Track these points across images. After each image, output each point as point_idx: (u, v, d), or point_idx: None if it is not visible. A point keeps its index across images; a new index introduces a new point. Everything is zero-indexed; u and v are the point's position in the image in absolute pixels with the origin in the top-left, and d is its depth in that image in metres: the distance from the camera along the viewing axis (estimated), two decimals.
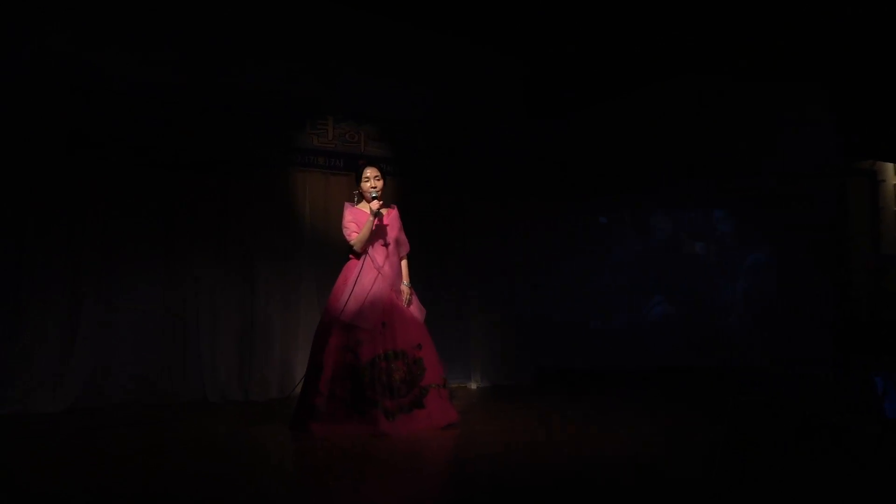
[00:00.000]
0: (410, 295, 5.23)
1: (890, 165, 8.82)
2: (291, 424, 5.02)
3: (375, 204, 5.03)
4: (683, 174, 7.42)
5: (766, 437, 4.73)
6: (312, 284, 6.83)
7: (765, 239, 7.22)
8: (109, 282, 6.13)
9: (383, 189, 5.17)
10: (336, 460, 4.17)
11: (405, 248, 5.34)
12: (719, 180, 7.41)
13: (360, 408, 4.76)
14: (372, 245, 5.09)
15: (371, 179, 5.13)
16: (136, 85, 6.18)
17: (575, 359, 7.77)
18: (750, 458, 4.08)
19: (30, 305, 5.80)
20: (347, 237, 5.13)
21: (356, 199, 5.26)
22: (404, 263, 5.33)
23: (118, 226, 6.17)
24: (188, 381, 6.35)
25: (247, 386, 6.51)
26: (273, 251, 6.71)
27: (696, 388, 6.91)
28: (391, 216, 5.27)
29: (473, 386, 7.42)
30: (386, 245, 5.14)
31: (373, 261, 5.06)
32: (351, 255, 5.17)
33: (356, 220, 5.11)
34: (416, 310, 5.22)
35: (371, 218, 5.03)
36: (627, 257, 7.59)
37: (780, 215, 7.04)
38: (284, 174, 6.88)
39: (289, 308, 6.77)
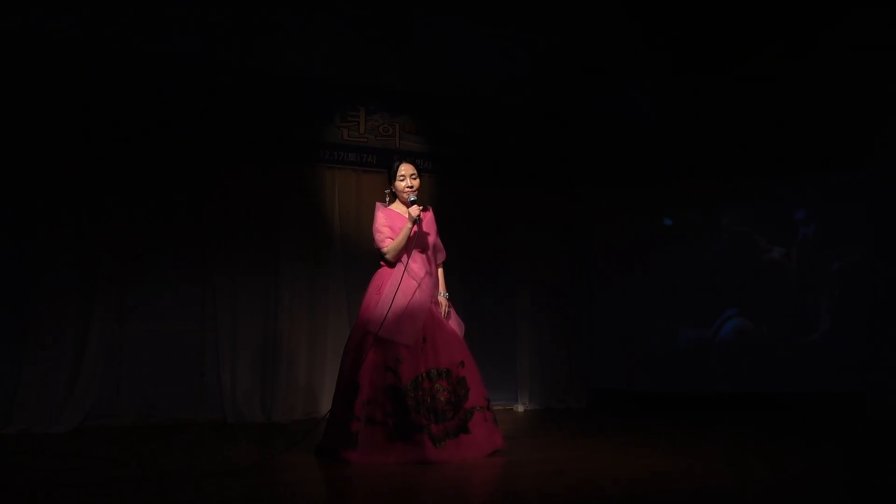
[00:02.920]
0: (448, 307, 4.83)
1: None
2: (320, 451, 4.61)
3: (415, 209, 4.62)
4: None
5: None
6: (342, 293, 6.52)
7: (857, 240, 6.48)
8: (121, 289, 5.92)
9: (419, 188, 4.79)
10: (381, 497, 3.72)
11: (442, 256, 4.94)
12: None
13: (404, 433, 4.34)
14: (408, 252, 4.66)
15: (407, 178, 4.73)
16: (144, 74, 6.00)
17: (634, 380, 7.24)
18: None
19: (36, 314, 5.61)
20: (379, 243, 4.69)
21: (388, 198, 4.84)
22: (440, 272, 4.94)
23: (129, 226, 5.94)
24: (205, 401, 6.09)
25: (269, 406, 6.18)
26: (299, 256, 6.39)
27: (774, 416, 6.43)
28: (427, 219, 4.83)
29: (520, 408, 7.01)
30: (423, 252, 4.74)
31: (411, 270, 4.63)
32: (383, 263, 4.76)
33: (390, 224, 4.69)
34: (454, 323, 4.82)
35: (409, 225, 4.62)
36: (696, 263, 6.95)
37: (880, 212, 6.33)
38: (311, 171, 6.55)
39: (315, 319, 6.43)
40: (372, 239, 4.73)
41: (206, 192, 6.15)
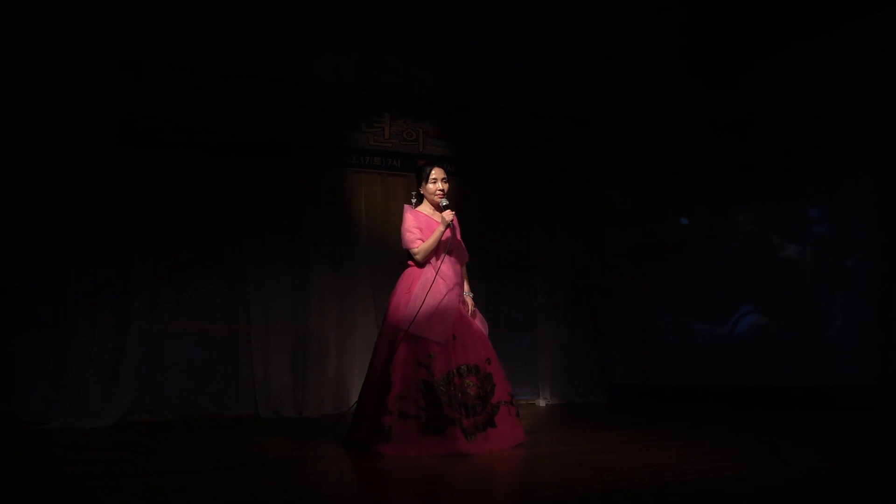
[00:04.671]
0: (473, 306, 4.96)
1: None
2: (350, 444, 4.69)
3: (449, 214, 4.76)
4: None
5: None
6: (369, 292, 6.67)
7: (869, 237, 6.54)
8: (158, 289, 6.09)
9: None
10: (414, 489, 3.78)
11: (465, 256, 5.05)
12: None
13: (437, 426, 4.44)
14: (437, 255, 4.79)
15: (439, 181, 4.87)
16: (178, 82, 6.18)
17: (652, 375, 7.26)
18: None
19: (78, 314, 5.77)
20: (408, 244, 4.78)
21: (415, 200, 4.95)
22: (464, 272, 5.05)
23: (166, 227, 6.12)
24: (240, 396, 6.25)
25: (301, 401, 6.34)
26: (327, 256, 6.56)
27: (788, 410, 6.49)
28: (453, 222, 4.96)
29: (542, 403, 7.12)
30: (450, 253, 4.85)
31: (442, 272, 4.75)
32: (411, 262, 4.86)
33: (419, 226, 4.80)
34: (479, 322, 4.95)
35: (442, 228, 4.75)
36: (711, 261, 7.01)
37: (891, 209, 6.39)
38: (339, 174, 6.72)
39: (343, 317, 6.59)
40: (400, 240, 4.82)
41: (239, 194, 6.29)
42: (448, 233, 4.78)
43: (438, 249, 4.77)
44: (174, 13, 5.93)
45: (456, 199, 6.77)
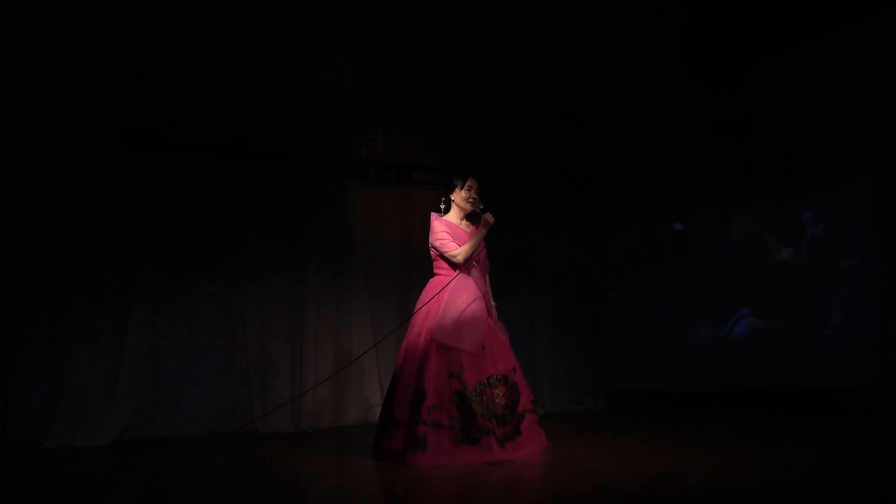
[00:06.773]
0: (496, 315, 5.01)
1: None
2: (382, 456, 4.67)
3: (490, 216, 4.82)
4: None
5: None
6: (365, 304, 6.66)
7: (865, 238, 6.56)
8: (156, 301, 6.05)
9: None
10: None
11: (488, 266, 5.09)
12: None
13: (472, 436, 4.50)
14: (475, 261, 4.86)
15: (473, 190, 4.94)
16: (181, 90, 6.15)
17: (651, 380, 7.27)
18: None
19: (76, 326, 5.73)
20: (443, 248, 4.81)
21: (443, 207, 5.00)
22: (488, 281, 5.10)
23: (165, 234, 6.07)
24: (237, 410, 6.20)
25: (298, 415, 6.28)
26: (324, 268, 6.54)
27: (788, 412, 6.52)
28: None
29: (540, 411, 6.91)
30: (477, 261, 4.90)
31: (476, 279, 4.83)
32: (438, 272, 4.87)
33: (449, 232, 4.83)
34: (501, 331, 4.97)
35: (484, 230, 4.82)
36: (709, 264, 7.03)
37: (888, 210, 6.39)
38: (334, 186, 6.68)
39: (340, 329, 6.57)
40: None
41: (239, 194, 6.27)
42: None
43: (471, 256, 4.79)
44: (174, 13, 5.92)
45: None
